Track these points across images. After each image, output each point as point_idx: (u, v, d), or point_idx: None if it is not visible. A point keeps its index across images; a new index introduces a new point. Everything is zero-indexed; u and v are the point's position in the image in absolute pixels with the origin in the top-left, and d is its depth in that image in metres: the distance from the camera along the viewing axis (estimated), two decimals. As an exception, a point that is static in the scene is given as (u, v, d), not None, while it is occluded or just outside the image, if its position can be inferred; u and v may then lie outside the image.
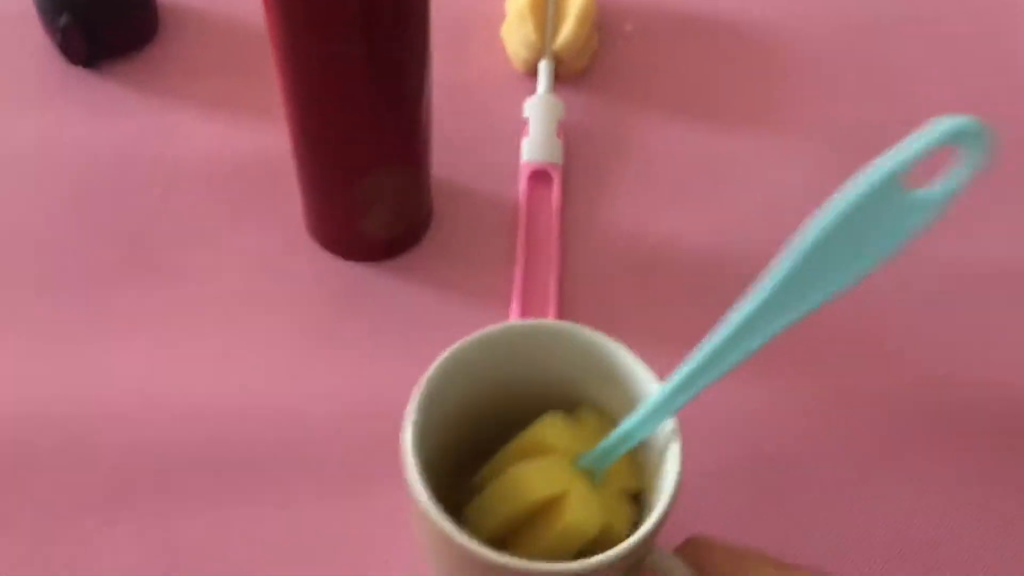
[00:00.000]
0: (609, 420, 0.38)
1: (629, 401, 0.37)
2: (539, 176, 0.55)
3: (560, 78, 0.60)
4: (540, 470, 0.35)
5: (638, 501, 0.37)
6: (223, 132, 0.57)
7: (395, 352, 0.49)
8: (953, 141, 0.24)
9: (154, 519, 0.44)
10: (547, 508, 0.35)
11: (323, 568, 0.43)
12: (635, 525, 0.35)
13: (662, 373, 0.34)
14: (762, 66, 0.62)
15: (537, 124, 0.56)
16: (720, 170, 0.57)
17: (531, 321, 0.37)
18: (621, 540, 0.32)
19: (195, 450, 0.46)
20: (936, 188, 0.24)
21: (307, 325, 0.50)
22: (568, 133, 0.58)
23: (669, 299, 0.52)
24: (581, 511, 0.34)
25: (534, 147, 0.56)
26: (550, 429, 0.36)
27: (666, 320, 0.51)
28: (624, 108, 0.59)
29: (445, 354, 0.35)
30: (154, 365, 0.48)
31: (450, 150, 0.57)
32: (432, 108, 0.49)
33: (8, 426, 0.46)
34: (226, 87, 0.59)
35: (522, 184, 0.55)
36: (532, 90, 0.59)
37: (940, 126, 0.24)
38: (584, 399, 0.38)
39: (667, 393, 0.33)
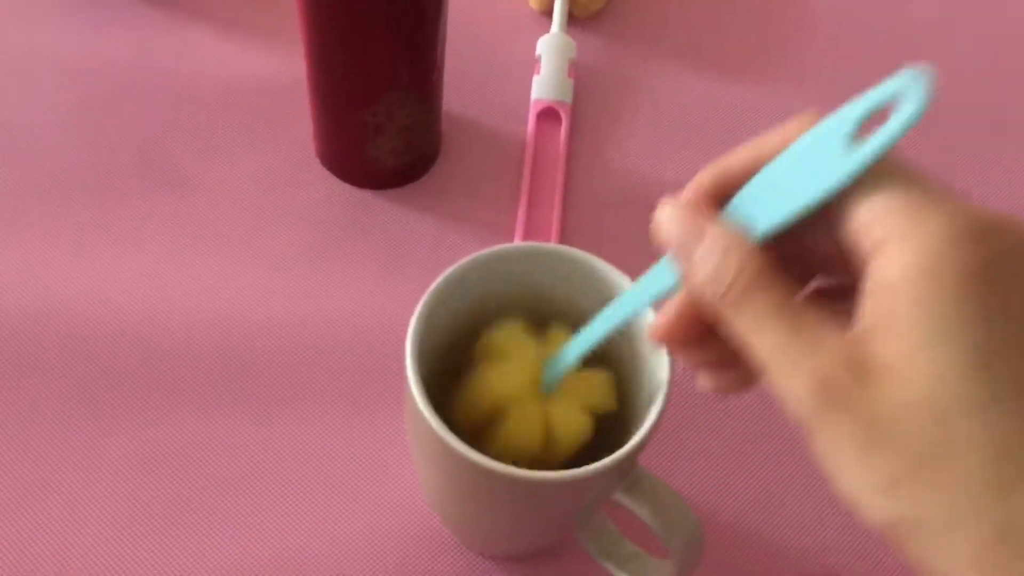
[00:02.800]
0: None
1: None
2: (548, 114, 0.56)
3: (574, 18, 0.60)
4: (514, 427, 0.36)
5: (616, 422, 0.38)
6: (238, 52, 0.57)
7: (397, 276, 0.50)
8: (894, 97, 0.24)
9: (153, 425, 0.45)
10: (498, 412, 0.37)
11: (324, 480, 0.44)
12: (591, 447, 0.36)
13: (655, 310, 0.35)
14: (775, 16, 0.62)
15: (549, 62, 0.57)
16: (727, 117, 0.57)
17: (531, 243, 0.38)
18: (564, 451, 0.35)
19: (198, 360, 0.47)
20: (885, 127, 0.24)
21: (312, 246, 0.51)
22: (579, 73, 0.58)
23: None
24: (567, 422, 0.36)
25: (544, 85, 0.56)
26: (496, 380, 0.37)
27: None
28: (636, 51, 0.60)
29: (448, 271, 0.36)
30: (160, 275, 0.49)
31: (462, 84, 0.57)
32: (446, 41, 0.49)
33: (13, 326, 0.47)
34: (243, 8, 0.59)
35: (531, 121, 0.55)
36: (546, 29, 0.59)
37: (884, 84, 0.25)
38: (578, 321, 0.39)
39: (627, 292, 0.32)
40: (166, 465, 0.44)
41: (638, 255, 0.52)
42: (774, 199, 0.26)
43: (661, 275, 0.30)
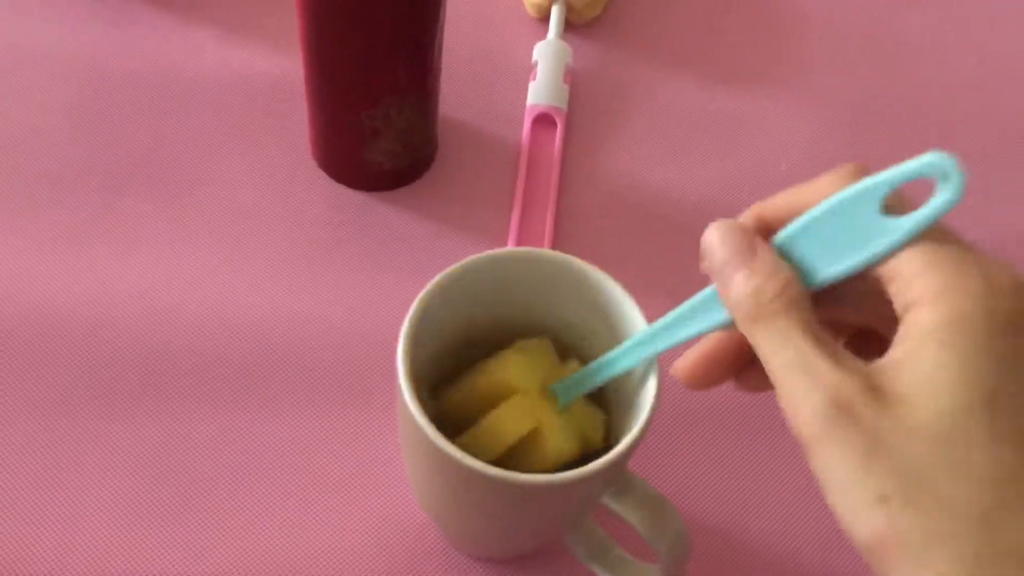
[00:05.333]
0: (575, 344, 0.39)
1: (613, 332, 0.38)
2: (543, 120, 0.56)
3: (571, 25, 0.61)
4: (509, 410, 0.36)
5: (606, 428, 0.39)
6: (236, 53, 0.57)
7: (391, 278, 0.50)
8: (930, 173, 0.27)
9: (150, 423, 0.45)
10: (526, 443, 0.37)
11: (316, 479, 0.45)
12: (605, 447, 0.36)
13: (648, 319, 0.36)
14: (770, 23, 0.63)
15: (545, 68, 0.57)
16: (721, 126, 0.58)
17: (525, 249, 0.38)
18: (548, 462, 0.36)
19: (192, 358, 0.47)
20: (909, 216, 0.27)
21: (307, 247, 0.51)
22: (575, 79, 0.59)
23: (661, 248, 0.53)
24: (558, 437, 0.36)
25: (540, 91, 0.56)
26: (513, 368, 0.37)
27: (656, 269, 0.52)
28: (632, 59, 0.60)
29: (443, 273, 0.36)
30: (157, 273, 0.49)
31: (458, 88, 0.57)
32: (444, 45, 0.49)
33: (8, 323, 0.47)
34: (243, 9, 0.59)
35: (526, 126, 0.56)
36: (543, 35, 0.60)
37: (920, 160, 0.27)
38: (569, 327, 0.40)
39: (652, 331, 0.34)
40: (161, 463, 0.44)
41: (630, 261, 0.52)
42: (821, 251, 0.28)
43: (708, 310, 0.31)
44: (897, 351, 0.26)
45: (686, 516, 0.45)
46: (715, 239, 0.30)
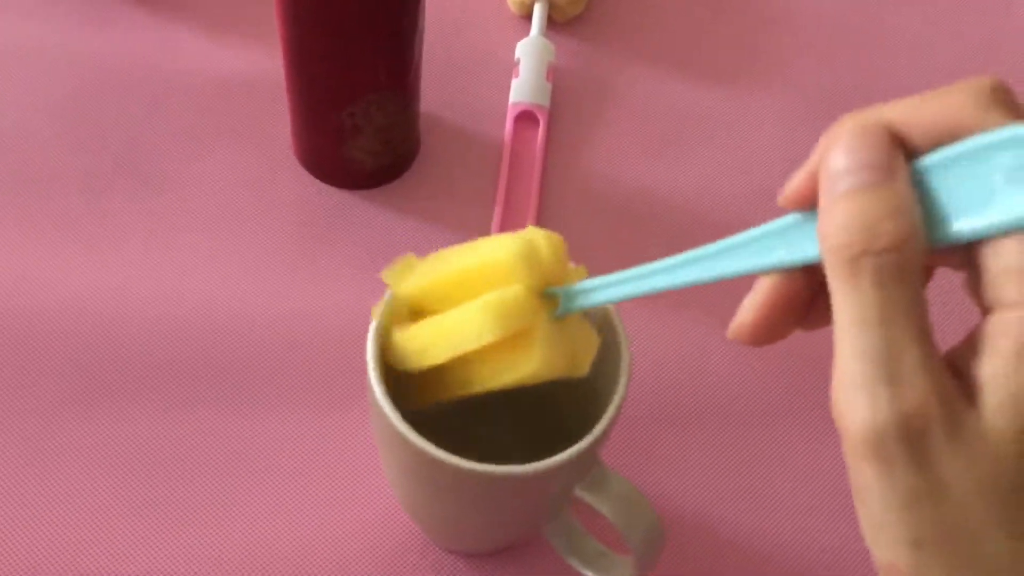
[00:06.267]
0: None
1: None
2: (526, 117, 0.57)
3: (553, 22, 0.61)
4: (497, 299, 0.31)
5: (578, 420, 0.39)
6: (219, 50, 0.58)
7: (374, 276, 0.51)
8: None
9: (130, 419, 0.46)
10: (508, 344, 0.32)
11: (295, 476, 0.45)
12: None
13: (628, 316, 0.36)
14: (754, 22, 0.63)
15: (527, 66, 0.57)
16: (703, 123, 0.58)
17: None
18: (531, 369, 0.31)
19: (171, 357, 0.47)
20: None
21: (289, 245, 0.51)
22: (557, 77, 0.59)
23: (642, 246, 0.53)
24: (548, 346, 0.32)
25: (523, 88, 0.57)
26: (509, 250, 0.32)
27: (637, 264, 0.52)
28: (614, 56, 0.60)
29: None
30: (139, 271, 0.50)
31: (440, 86, 0.58)
32: (424, 43, 0.49)
33: (-7, 322, 0.48)
34: (225, 7, 0.59)
35: (509, 124, 0.56)
36: (525, 32, 0.60)
37: None
38: None
39: (707, 252, 0.28)
40: (142, 460, 0.45)
41: (612, 257, 0.53)
42: (953, 199, 0.23)
43: (790, 240, 0.25)
44: (985, 367, 0.22)
45: (660, 509, 0.46)
46: (843, 140, 0.23)
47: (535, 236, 0.32)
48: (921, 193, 0.23)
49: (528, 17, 0.61)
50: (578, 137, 0.57)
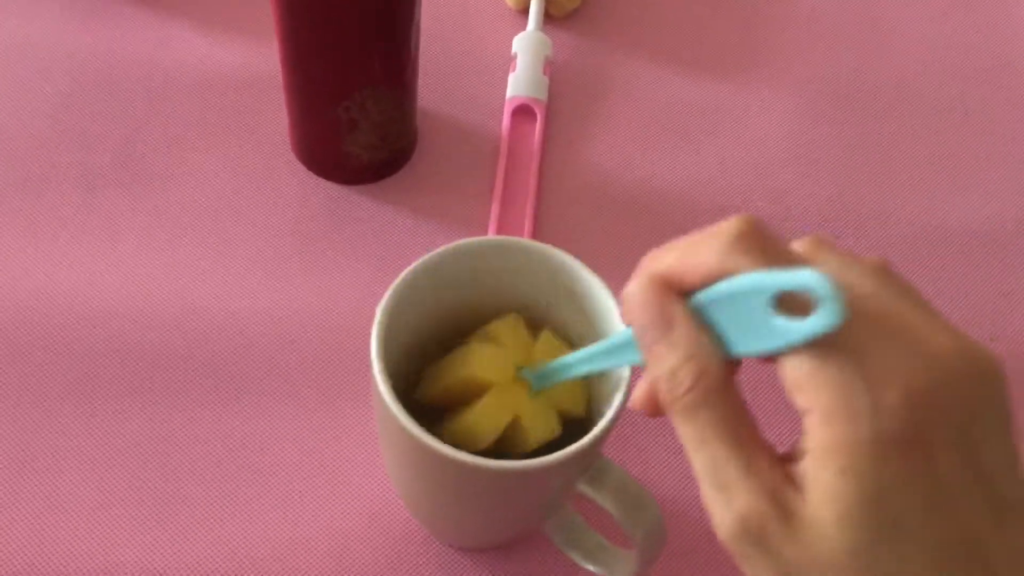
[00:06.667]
0: (567, 346, 0.39)
1: (591, 326, 0.38)
2: (523, 111, 0.56)
3: (550, 16, 0.61)
4: (484, 408, 0.36)
5: (581, 427, 0.39)
6: (216, 46, 0.57)
7: (370, 271, 0.50)
8: (808, 291, 0.24)
9: (127, 416, 0.45)
10: (506, 432, 0.37)
11: (295, 471, 0.45)
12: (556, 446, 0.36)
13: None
14: (751, 16, 0.63)
15: (524, 60, 0.57)
16: (699, 117, 0.58)
17: (500, 237, 0.38)
18: (530, 446, 0.36)
19: (171, 352, 0.47)
20: (798, 324, 0.25)
21: (287, 240, 0.51)
22: (554, 71, 0.59)
23: (640, 239, 0.53)
24: (536, 423, 0.36)
25: (520, 82, 0.56)
26: (480, 362, 0.37)
27: (636, 259, 0.52)
28: (611, 50, 0.60)
29: (420, 260, 0.36)
30: (136, 267, 0.49)
31: (437, 80, 0.57)
32: (421, 37, 0.49)
33: (-11, 319, 0.47)
34: (221, 3, 0.59)
35: (506, 118, 0.56)
36: (522, 26, 0.60)
37: (797, 275, 0.25)
38: (547, 320, 0.40)
39: (626, 338, 0.31)
40: (140, 457, 0.45)
41: (610, 251, 0.53)
42: (733, 326, 0.26)
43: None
44: (806, 463, 0.25)
45: (663, 504, 0.46)
46: (636, 300, 0.28)
47: (497, 330, 0.38)
48: (707, 320, 0.27)
49: (525, 11, 0.61)
50: (575, 131, 0.57)
